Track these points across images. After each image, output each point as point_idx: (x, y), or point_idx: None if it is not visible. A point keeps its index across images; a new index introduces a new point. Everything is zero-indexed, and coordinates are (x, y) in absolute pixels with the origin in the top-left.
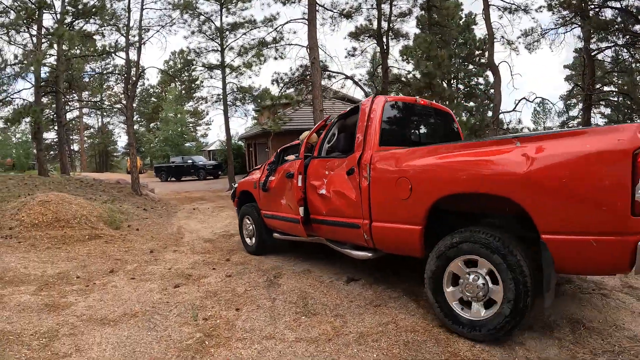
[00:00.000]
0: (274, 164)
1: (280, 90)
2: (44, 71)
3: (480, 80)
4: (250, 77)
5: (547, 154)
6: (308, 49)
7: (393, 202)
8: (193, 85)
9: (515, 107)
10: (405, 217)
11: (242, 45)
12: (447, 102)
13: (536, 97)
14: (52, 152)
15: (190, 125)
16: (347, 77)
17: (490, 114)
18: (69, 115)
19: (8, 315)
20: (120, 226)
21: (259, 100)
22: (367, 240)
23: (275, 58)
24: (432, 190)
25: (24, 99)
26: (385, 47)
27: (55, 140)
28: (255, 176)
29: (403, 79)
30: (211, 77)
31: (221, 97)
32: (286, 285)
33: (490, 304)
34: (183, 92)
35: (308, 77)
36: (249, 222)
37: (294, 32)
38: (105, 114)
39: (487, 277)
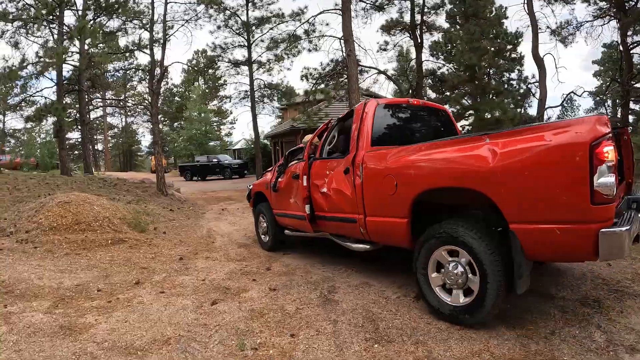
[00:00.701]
0: (282, 165)
1: (313, 86)
2: (66, 69)
3: (513, 75)
4: (280, 71)
5: (511, 149)
6: (342, 41)
7: (382, 197)
8: (217, 83)
9: (562, 102)
10: (393, 211)
11: (272, 37)
12: (490, 96)
13: (584, 92)
14: (76, 152)
15: (215, 124)
16: (380, 72)
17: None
18: (92, 115)
19: (16, 341)
20: (145, 229)
21: (288, 97)
22: (363, 234)
23: (310, 50)
24: (413, 186)
25: (45, 97)
26: (419, 41)
27: (79, 139)
28: (267, 177)
29: (438, 73)
30: (238, 74)
31: (247, 93)
32: (345, 302)
33: (470, 291)
34: (207, 91)
35: (342, 70)
36: (263, 220)
37: (327, 24)
38: (129, 113)
39: (466, 267)
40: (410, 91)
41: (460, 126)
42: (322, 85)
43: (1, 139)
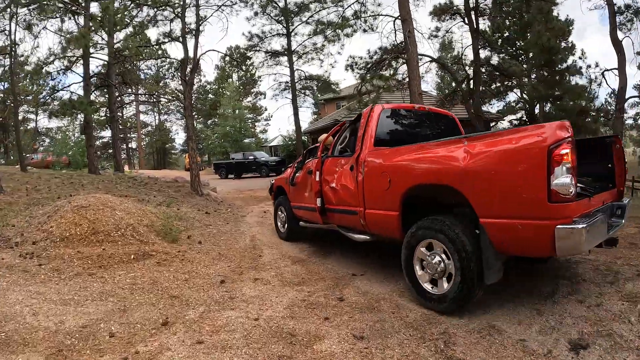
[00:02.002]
0: (300, 162)
1: (367, 71)
2: (95, 64)
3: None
4: (322, 61)
5: (482, 150)
6: (400, 21)
7: (379, 192)
8: (252, 78)
9: None
10: (387, 204)
11: (318, 20)
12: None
13: None
14: (110, 150)
15: (249, 121)
16: (432, 60)
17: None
18: (125, 113)
19: None
20: (177, 238)
21: (329, 90)
22: (363, 225)
23: (365, 30)
24: (403, 182)
25: (72, 92)
26: (474, 25)
27: (111, 137)
28: (287, 173)
29: (493, 61)
30: (276, 64)
31: (287, 85)
32: None
33: (449, 280)
34: (240, 88)
35: (398, 55)
36: (281, 212)
37: (379, 4)
38: (162, 111)
39: (444, 256)
40: (467, 81)
41: (518, 119)
42: (368, 77)
43: (33, 138)
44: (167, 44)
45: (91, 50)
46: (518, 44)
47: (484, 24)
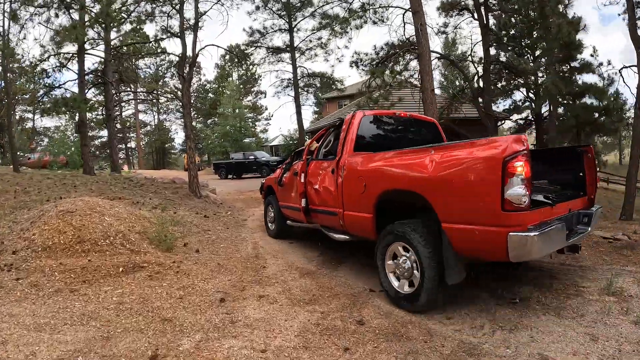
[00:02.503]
0: (288, 163)
1: (377, 64)
2: (92, 61)
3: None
4: (327, 56)
5: (444, 159)
6: (412, 13)
7: (355, 195)
8: (252, 77)
9: None
10: (362, 207)
11: (323, 13)
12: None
13: None
14: (108, 150)
15: (249, 120)
16: (441, 57)
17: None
18: (124, 112)
19: None
20: (172, 246)
21: (331, 89)
22: (342, 225)
23: (375, 22)
24: (376, 186)
25: (66, 89)
26: (485, 21)
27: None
28: (277, 173)
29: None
30: (278, 61)
31: (290, 82)
32: None
33: (416, 280)
34: (241, 87)
35: (408, 50)
36: (271, 210)
37: None
38: (161, 110)
39: (412, 258)
40: (476, 78)
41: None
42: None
43: (30, 137)
44: (165, 41)
45: (87, 46)
46: (523, 42)
47: (492, 21)
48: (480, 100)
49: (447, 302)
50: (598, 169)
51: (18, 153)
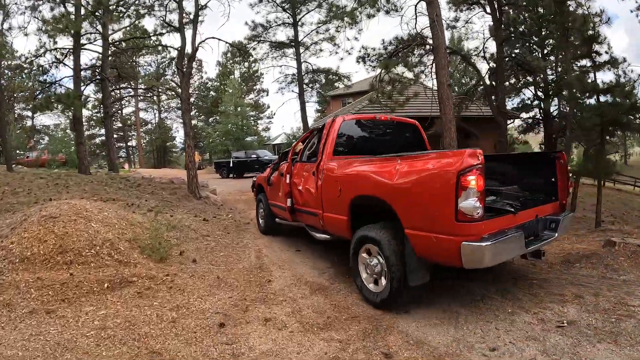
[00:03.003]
0: (276, 164)
1: (391, 56)
2: (89, 57)
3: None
4: (339, 46)
5: (408, 170)
6: (426, 3)
7: (333, 197)
8: (254, 75)
9: None
10: (339, 209)
11: (331, 3)
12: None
13: None
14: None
15: (251, 119)
16: (452, 52)
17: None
18: (125, 110)
19: None
20: (167, 255)
21: (333, 87)
22: (322, 225)
23: (387, 11)
24: (350, 191)
25: (61, 85)
26: (497, 15)
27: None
28: (267, 172)
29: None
30: (282, 56)
31: (293, 78)
32: None
33: (383, 280)
34: (242, 84)
35: (422, 42)
36: (261, 207)
37: None
38: (162, 108)
39: (380, 259)
40: (489, 74)
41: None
42: (379, 71)
43: (29, 136)
44: (165, 37)
45: (84, 41)
46: (532, 39)
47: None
48: (493, 97)
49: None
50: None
51: (17, 151)
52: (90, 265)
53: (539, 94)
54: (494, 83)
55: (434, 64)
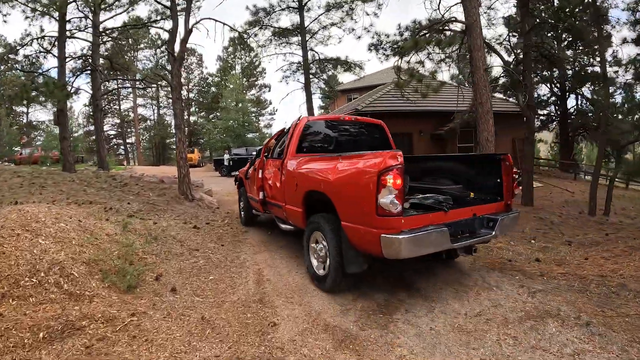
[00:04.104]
0: (253, 160)
1: (417, 40)
2: (80, 46)
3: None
4: (345, 34)
5: (343, 167)
6: None
7: (292, 192)
8: (255, 68)
9: None
10: (295, 202)
11: None
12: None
13: None
14: (106, 146)
15: (253, 115)
16: None
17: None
18: (123, 106)
19: None
20: (136, 283)
21: (336, 84)
22: (285, 217)
23: None
24: (303, 186)
25: (46, 76)
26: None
27: (108, 132)
28: (246, 167)
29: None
30: (287, 44)
31: (296, 67)
32: None
33: (327, 266)
34: (244, 79)
35: (448, 22)
36: (241, 200)
37: None
38: (161, 104)
39: (324, 246)
40: (514, 65)
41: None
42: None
43: (22, 131)
44: (160, 23)
45: (71, 28)
46: (548, 34)
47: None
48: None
49: None
50: None
51: (9, 148)
52: (28, 300)
53: (555, 90)
54: (520, 75)
55: (467, 46)
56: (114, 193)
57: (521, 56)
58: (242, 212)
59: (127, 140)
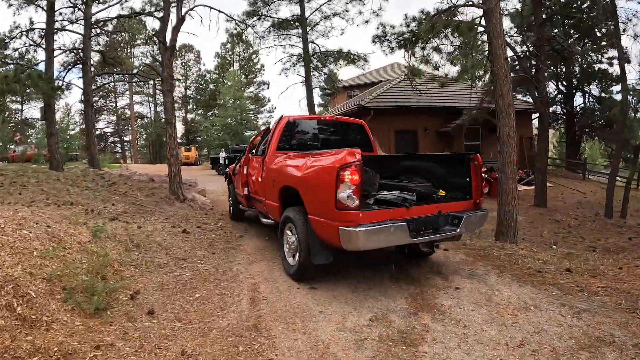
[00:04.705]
0: (240, 157)
1: (434, 20)
2: (71, 39)
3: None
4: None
5: (310, 164)
6: None
7: (270, 187)
8: (254, 68)
9: None
10: (273, 197)
11: None
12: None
13: None
14: (101, 143)
15: (251, 112)
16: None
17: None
18: (120, 103)
19: None
20: (108, 304)
21: (337, 80)
22: (265, 211)
23: None
24: (279, 182)
25: (34, 68)
26: None
27: (104, 129)
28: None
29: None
30: (286, 35)
31: (296, 59)
32: None
33: (297, 256)
34: (242, 76)
35: (462, 5)
36: (230, 196)
37: None
38: (159, 101)
39: (295, 237)
40: (529, 60)
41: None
42: (401, 51)
43: (17, 129)
44: (147, 14)
45: (62, 20)
46: (554, 31)
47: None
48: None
49: None
50: None
51: (0, 145)
52: None
53: (561, 87)
54: (534, 69)
55: (486, 33)
56: (99, 193)
57: (532, 50)
58: (231, 207)
59: (124, 138)
